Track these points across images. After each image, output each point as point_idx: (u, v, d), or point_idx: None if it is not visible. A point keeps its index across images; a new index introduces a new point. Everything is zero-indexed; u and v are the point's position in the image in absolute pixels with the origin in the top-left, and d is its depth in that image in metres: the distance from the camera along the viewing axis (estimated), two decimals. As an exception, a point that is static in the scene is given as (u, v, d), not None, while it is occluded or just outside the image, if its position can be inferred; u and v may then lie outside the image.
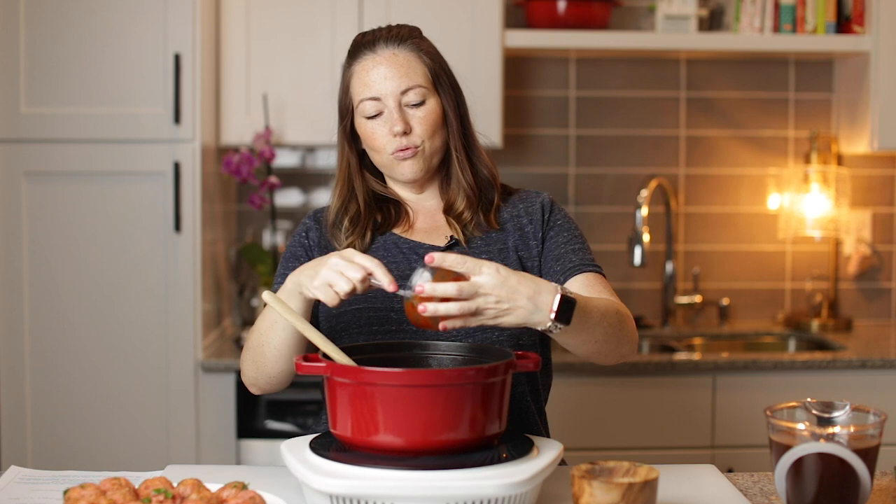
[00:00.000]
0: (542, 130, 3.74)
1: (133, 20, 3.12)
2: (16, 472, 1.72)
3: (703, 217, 3.80)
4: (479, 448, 1.54)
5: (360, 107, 1.94)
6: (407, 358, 1.70)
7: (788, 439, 1.46)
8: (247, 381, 1.93)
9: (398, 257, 1.95)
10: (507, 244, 1.98)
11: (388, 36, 1.97)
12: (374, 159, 1.99)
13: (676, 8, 3.52)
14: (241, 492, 1.45)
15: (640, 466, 1.44)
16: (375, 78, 1.93)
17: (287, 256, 2.01)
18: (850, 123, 3.67)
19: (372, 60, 1.94)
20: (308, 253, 1.99)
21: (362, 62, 1.95)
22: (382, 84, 1.92)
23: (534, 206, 2.04)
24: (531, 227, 2.01)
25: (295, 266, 1.91)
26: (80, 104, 3.13)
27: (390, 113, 1.92)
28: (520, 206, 2.04)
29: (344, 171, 2.02)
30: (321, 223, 2.02)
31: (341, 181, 2.02)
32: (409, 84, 1.93)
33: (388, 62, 1.93)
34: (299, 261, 1.97)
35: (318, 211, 2.07)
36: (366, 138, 1.97)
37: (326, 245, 2.00)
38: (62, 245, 3.14)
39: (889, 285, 3.85)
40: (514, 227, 2.01)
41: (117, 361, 3.15)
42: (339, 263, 1.67)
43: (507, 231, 2.00)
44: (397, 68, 1.93)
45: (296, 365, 1.59)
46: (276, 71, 3.39)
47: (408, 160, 1.94)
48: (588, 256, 1.97)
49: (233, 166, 3.36)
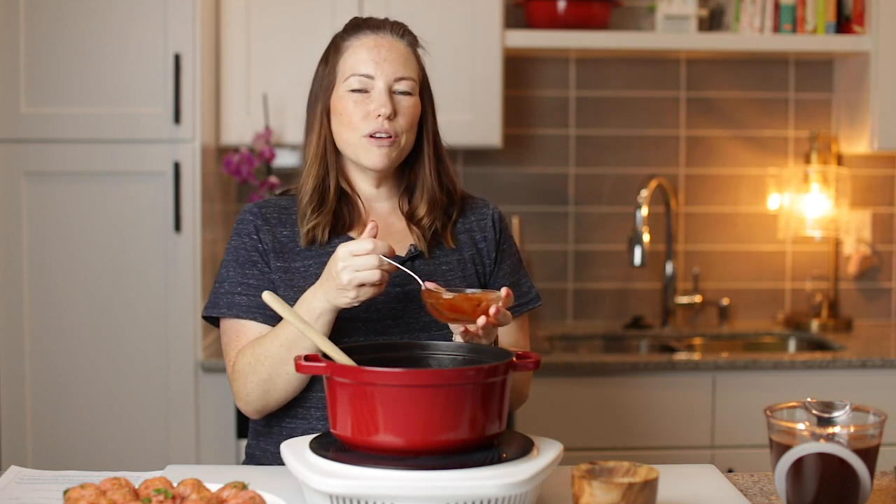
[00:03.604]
0: (542, 130, 3.74)
1: (133, 20, 3.12)
2: (16, 472, 1.72)
3: (703, 217, 3.80)
4: (479, 448, 1.54)
5: (349, 81, 1.91)
6: (407, 358, 1.70)
7: (788, 439, 1.46)
8: (248, 408, 1.88)
9: None
10: (464, 256, 1.99)
11: (394, 26, 1.97)
12: (344, 138, 1.93)
13: (676, 8, 3.52)
14: (241, 492, 1.45)
15: (640, 466, 1.44)
16: (375, 57, 1.91)
17: (241, 262, 1.93)
18: (850, 123, 3.67)
19: (374, 40, 1.93)
20: (264, 257, 1.92)
21: (363, 38, 1.93)
22: (380, 65, 1.91)
23: (485, 220, 2.04)
24: (484, 244, 2.02)
25: (253, 273, 1.89)
26: (80, 104, 3.13)
27: (379, 94, 1.90)
28: (472, 219, 2.04)
29: (321, 148, 1.95)
30: (269, 219, 1.95)
31: (317, 160, 1.94)
32: (403, 73, 1.92)
33: (390, 47, 1.93)
34: (256, 266, 1.91)
35: (261, 205, 1.98)
36: (343, 113, 1.91)
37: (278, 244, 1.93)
38: (62, 245, 3.14)
39: (889, 285, 3.85)
40: (468, 241, 2.01)
41: (117, 361, 3.15)
42: (355, 263, 1.66)
43: (461, 244, 2.00)
44: (397, 55, 1.93)
45: (296, 365, 1.59)
46: (276, 71, 3.39)
47: (384, 147, 1.90)
48: (526, 287, 2.03)
49: (233, 166, 3.36)
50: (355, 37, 1.94)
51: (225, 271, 1.94)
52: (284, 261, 1.92)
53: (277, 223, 1.96)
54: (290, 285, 1.90)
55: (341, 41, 1.96)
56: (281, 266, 1.91)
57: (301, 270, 1.91)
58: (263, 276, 1.91)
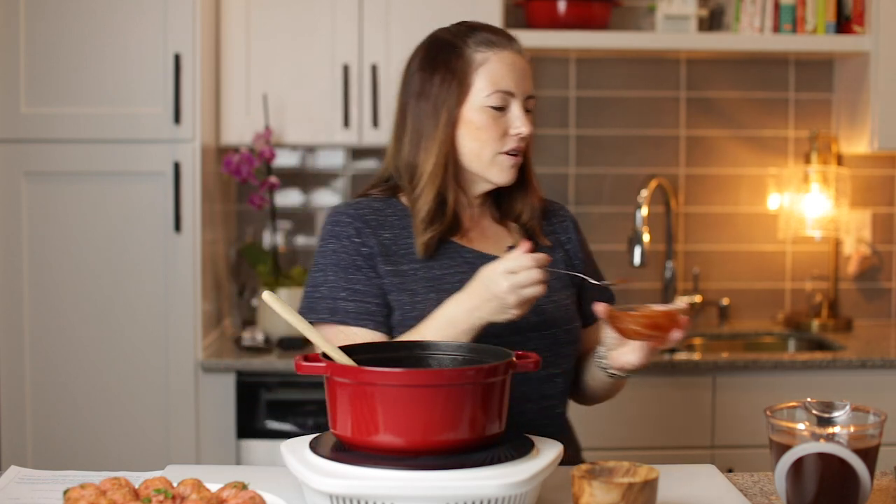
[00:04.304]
0: (542, 130, 3.74)
1: (133, 20, 3.12)
2: (16, 472, 1.72)
3: (703, 217, 3.80)
4: (479, 448, 1.54)
5: (491, 97, 1.87)
6: (407, 358, 1.70)
7: (788, 439, 1.46)
8: None
9: (464, 267, 1.89)
10: (555, 257, 1.99)
11: (518, 43, 1.95)
12: (475, 153, 1.89)
13: (676, 8, 3.52)
14: (241, 492, 1.45)
15: (640, 466, 1.44)
16: (515, 74, 1.89)
17: (343, 266, 1.87)
18: (850, 123, 3.67)
19: (511, 56, 1.91)
20: (369, 261, 1.87)
21: (503, 54, 1.90)
22: (521, 82, 1.89)
23: (565, 222, 2.06)
24: (570, 245, 2.04)
25: (358, 278, 1.85)
26: (80, 104, 3.13)
27: (519, 113, 1.88)
28: (553, 221, 2.05)
29: (443, 160, 1.88)
30: (368, 221, 1.90)
31: (439, 172, 1.88)
32: (532, 91, 1.93)
33: (525, 65, 1.92)
34: (361, 271, 1.86)
35: (355, 207, 1.92)
36: (481, 128, 1.87)
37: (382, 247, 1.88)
38: (62, 245, 3.14)
39: (889, 285, 3.85)
40: (555, 242, 2.03)
41: (117, 361, 3.15)
42: (519, 281, 1.67)
43: (549, 244, 2.01)
44: (527, 74, 1.92)
45: (295, 365, 1.59)
46: (276, 71, 3.39)
47: (514, 165, 1.90)
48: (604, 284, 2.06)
49: (233, 166, 3.36)
50: (494, 50, 1.90)
51: (322, 275, 1.88)
52: (392, 264, 1.88)
53: (377, 226, 1.90)
54: (402, 289, 1.86)
55: (468, 49, 1.91)
56: (390, 270, 1.87)
57: (411, 273, 1.88)
58: (370, 280, 1.86)
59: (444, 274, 1.88)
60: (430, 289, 1.86)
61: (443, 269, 1.89)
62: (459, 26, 1.97)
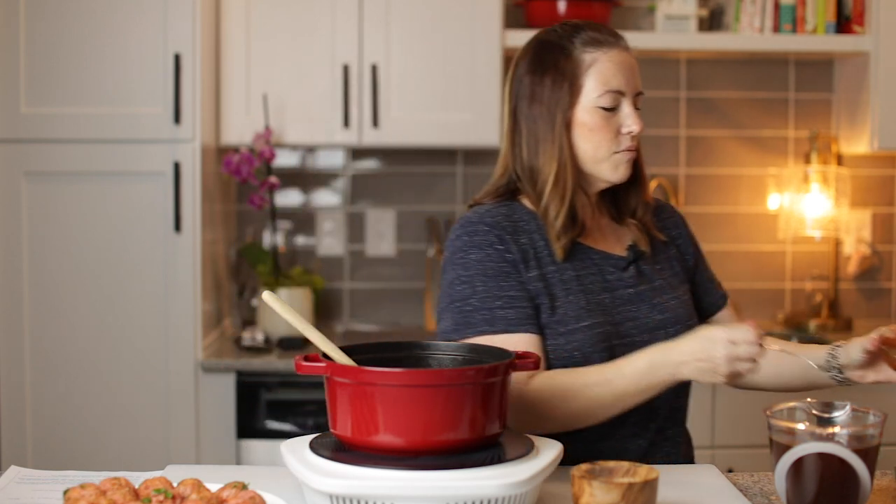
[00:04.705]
0: (542, 130, 3.73)
1: (133, 20, 3.12)
2: (16, 472, 1.72)
3: (703, 217, 3.80)
4: (479, 448, 1.54)
5: (603, 97, 1.86)
6: (407, 358, 1.70)
7: (788, 439, 1.46)
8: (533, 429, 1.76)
9: (592, 269, 1.90)
10: (668, 254, 2.01)
11: (622, 38, 1.92)
12: (590, 154, 1.88)
13: (676, 8, 3.52)
14: (241, 492, 1.45)
15: (640, 466, 1.44)
16: (626, 72, 1.88)
17: (492, 275, 1.84)
18: (850, 123, 3.67)
19: (619, 55, 1.88)
20: (516, 268, 1.85)
21: (611, 53, 1.88)
22: (630, 80, 1.88)
23: (674, 218, 2.07)
24: (682, 241, 2.05)
25: (511, 284, 1.83)
26: (80, 104, 3.13)
27: (629, 111, 1.87)
28: (662, 217, 2.05)
29: (563, 166, 1.87)
30: (505, 228, 1.88)
31: (562, 178, 1.88)
32: (641, 88, 1.91)
33: (632, 62, 1.90)
34: (510, 277, 1.84)
35: (490, 215, 1.90)
36: (595, 130, 1.87)
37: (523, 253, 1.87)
38: (62, 245, 3.14)
39: (889, 285, 3.85)
40: (667, 238, 2.03)
41: (117, 361, 3.15)
42: (738, 352, 1.66)
43: (662, 241, 2.01)
44: (635, 71, 1.90)
45: (296, 365, 1.59)
46: (276, 71, 3.39)
47: (629, 162, 1.89)
48: (717, 280, 2.11)
49: (233, 166, 3.36)
50: (601, 49, 1.88)
51: (468, 287, 1.85)
52: (533, 269, 1.87)
53: (514, 232, 1.88)
54: (544, 293, 1.85)
55: (577, 50, 1.89)
56: (533, 275, 1.86)
57: (549, 277, 1.87)
58: (521, 286, 1.85)
59: (578, 276, 1.88)
60: (567, 291, 1.86)
61: (577, 270, 1.89)
62: (564, 27, 1.94)
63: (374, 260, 3.76)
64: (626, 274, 1.92)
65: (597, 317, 1.85)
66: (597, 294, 1.88)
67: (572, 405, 1.76)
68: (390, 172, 3.74)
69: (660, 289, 1.94)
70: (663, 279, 1.96)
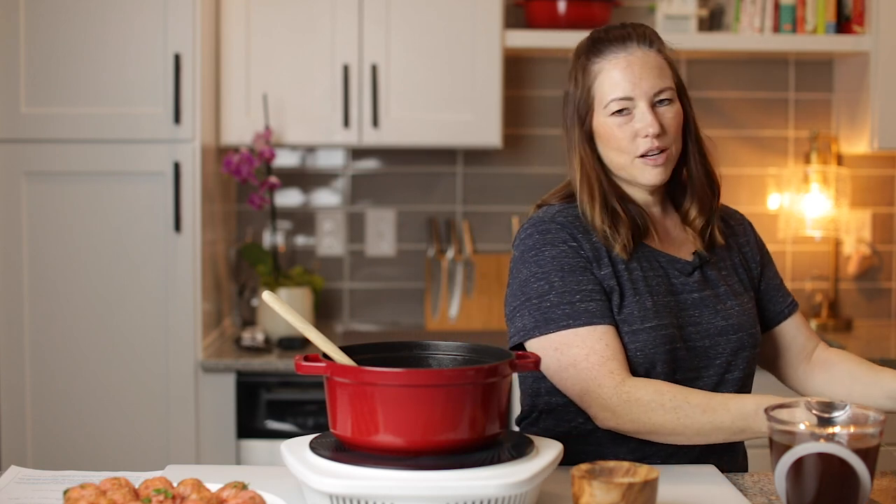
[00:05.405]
0: (542, 130, 3.74)
1: (133, 20, 3.12)
2: (16, 472, 1.72)
3: (703, 217, 3.80)
4: (479, 448, 1.54)
5: (609, 106, 1.86)
6: (407, 358, 1.70)
7: (788, 439, 1.46)
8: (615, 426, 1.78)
9: (659, 272, 1.90)
10: (733, 261, 1.99)
11: (640, 36, 1.91)
12: (615, 162, 1.89)
13: (676, 8, 3.52)
14: (241, 492, 1.45)
15: (640, 466, 1.44)
16: (630, 77, 1.86)
17: (569, 270, 1.85)
18: (850, 123, 3.67)
19: (625, 59, 1.87)
20: (590, 264, 1.86)
21: (613, 59, 1.88)
22: (638, 84, 1.85)
23: (742, 225, 2.06)
24: (748, 248, 2.03)
25: (588, 278, 1.83)
26: (79, 104, 3.13)
27: (643, 114, 1.85)
28: (730, 223, 2.04)
29: (585, 174, 1.90)
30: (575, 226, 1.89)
31: (585, 185, 1.89)
32: (661, 85, 1.87)
33: (642, 63, 1.87)
34: (586, 272, 1.85)
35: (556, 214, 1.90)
36: (610, 139, 1.87)
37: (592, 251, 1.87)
38: (62, 245, 3.14)
39: (889, 285, 3.85)
40: (733, 244, 2.01)
41: (117, 361, 3.15)
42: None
43: (727, 248, 2.00)
44: (650, 68, 1.87)
45: (296, 365, 1.59)
46: (276, 71, 3.39)
47: (658, 165, 1.87)
48: (786, 287, 2.07)
49: (233, 166, 3.36)
50: (604, 57, 1.88)
51: (545, 284, 1.84)
52: (603, 267, 1.87)
53: (583, 231, 1.89)
54: (619, 291, 1.86)
55: (589, 62, 1.90)
56: (608, 272, 1.86)
57: (625, 274, 1.87)
58: (597, 281, 1.85)
59: (644, 276, 1.88)
60: (635, 291, 1.86)
61: (643, 271, 1.88)
62: (590, 34, 1.95)
63: (374, 260, 3.76)
64: (690, 279, 1.91)
65: (662, 318, 1.84)
66: (662, 296, 1.87)
67: (669, 417, 1.75)
68: (390, 172, 3.74)
69: (723, 295, 1.93)
70: (727, 286, 1.94)
